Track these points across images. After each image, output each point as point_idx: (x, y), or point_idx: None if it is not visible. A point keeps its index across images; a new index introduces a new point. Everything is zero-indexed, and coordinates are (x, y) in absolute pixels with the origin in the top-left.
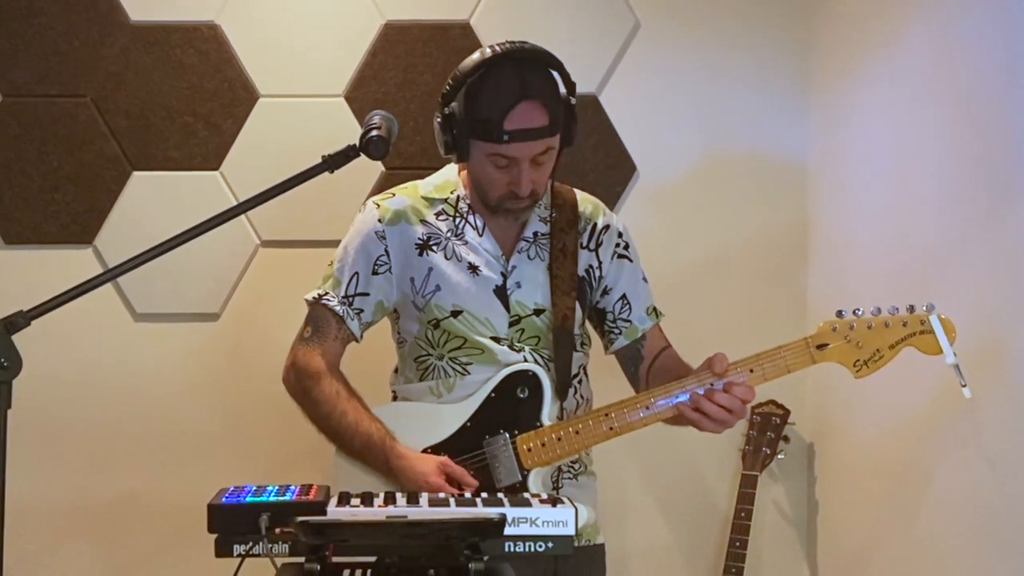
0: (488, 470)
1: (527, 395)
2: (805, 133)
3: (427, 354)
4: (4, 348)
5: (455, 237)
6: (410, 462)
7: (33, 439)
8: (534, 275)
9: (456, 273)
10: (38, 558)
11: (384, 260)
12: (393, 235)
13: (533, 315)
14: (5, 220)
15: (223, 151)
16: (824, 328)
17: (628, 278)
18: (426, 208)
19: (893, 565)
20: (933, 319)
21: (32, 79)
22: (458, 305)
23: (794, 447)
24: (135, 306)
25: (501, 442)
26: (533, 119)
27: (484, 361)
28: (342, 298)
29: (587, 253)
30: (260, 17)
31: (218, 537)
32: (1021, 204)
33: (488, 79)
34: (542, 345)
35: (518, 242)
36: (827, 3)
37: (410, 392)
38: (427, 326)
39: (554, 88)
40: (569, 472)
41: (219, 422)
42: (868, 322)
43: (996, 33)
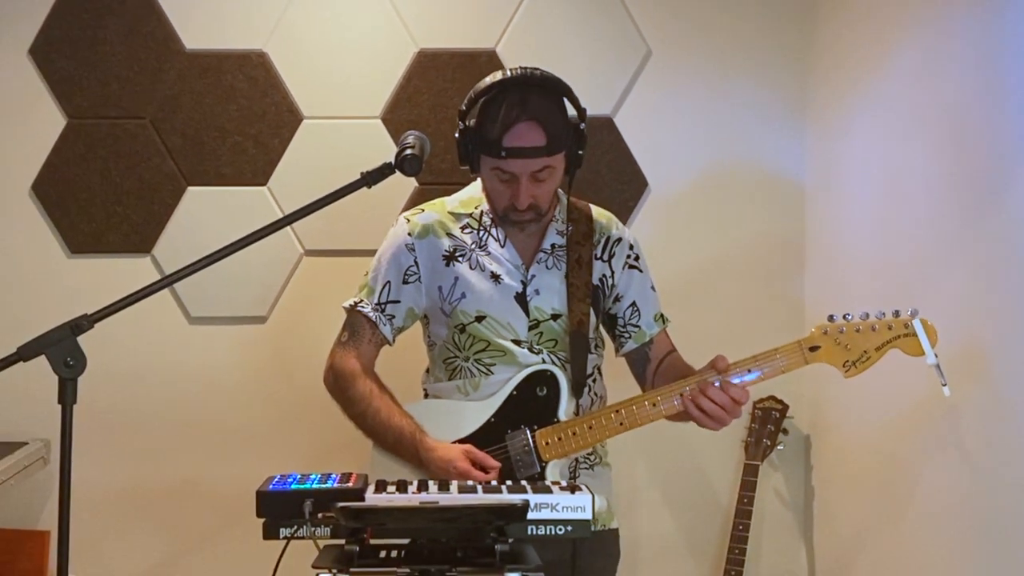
0: (510, 461)
1: (545, 393)
2: (802, 151)
3: (454, 356)
4: (70, 348)
5: (479, 248)
6: (437, 452)
7: (96, 432)
8: (552, 283)
9: (480, 282)
10: (102, 540)
11: (414, 270)
12: (422, 247)
13: (551, 320)
14: (71, 231)
15: (270, 168)
16: (816, 331)
17: (637, 287)
18: (452, 222)
19: (884, 546)
20: (916, 323)
21: (96, 103)
22: (482, 311)
23: (792, 439)
24: (189, 310)
25: (522, 436)
26: (530, 139)
27: (506, 362)
28: (375, 305)
29: (601, 263)
30: (304, 45)
31: (266, 521)
32: (997, 216)
33: (496, 99)
34: (559, 347)
35: (537, 253)
36: (822, 33)
37: (440, 390)
38: (454, 330)
39: (556, 112)
40: (585, 463)
41: (266, 416)
42: (856, 326)
43: (976, 60)
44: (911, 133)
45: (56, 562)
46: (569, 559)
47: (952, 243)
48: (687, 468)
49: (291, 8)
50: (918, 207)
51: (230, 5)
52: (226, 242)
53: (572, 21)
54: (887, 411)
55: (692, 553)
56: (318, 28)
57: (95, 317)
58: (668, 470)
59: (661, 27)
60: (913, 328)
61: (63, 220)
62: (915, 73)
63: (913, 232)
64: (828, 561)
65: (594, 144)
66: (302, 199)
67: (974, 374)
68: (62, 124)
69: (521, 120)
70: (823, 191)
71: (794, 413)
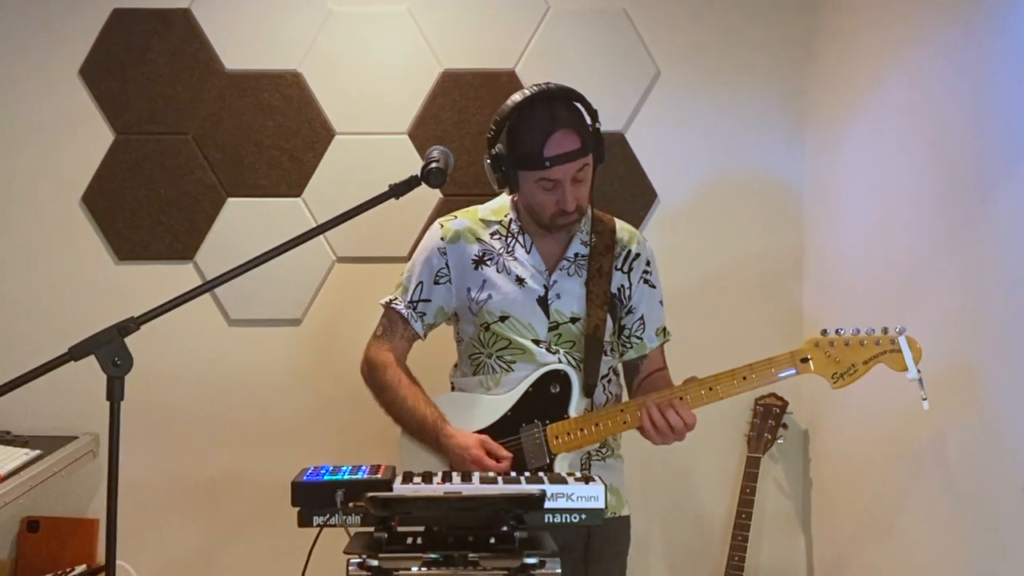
0: (522, 452)
1: (558, 391)
2: (801, 166)
3: (479, 352)
4: (118, 349)
5: (506, 253)
6: (455, 439)
7: (142, 426)
8: (572, 289)
9: (506, 284)
10: (147, 528)
11: (445, 272)
12: (453, 251)
13: (569, 322)
14: (118, 240)
15: (304, 180)
16: (808, 344)
17: (648, 302)
18: (482, 229)
19: (878, 534)
20: (902, 340)
21: (141, 119)
22: (506, 311)
23: (792, 433)
24: (229, 313)
25: (534, 430)
26: (568, 144)
27: (525, 360)
28: (408, 303)
29: (620, 274)
30: (336, 66)
31: (300, 510)
32: (981, 227)
33: (524, 118)
34: (575, 349)
35: (561, 260)
36: (819, 55)
37: (464, 384)
38: (479, 328)
39: (580, 116)
40: (598, 455)
41: (300, 412)
42: (846, 340)
43: (962, 80)
44: (902, 149)
45: (104, 548)
46: (583, 544)
47: (940, 254)
48: (695, 460)
49: (324, 31)
50: (909, 219)
51: (267, 28)
52: (263, 250)
53: (586, 43)
54: (880, 407)
55: (698, 539)
56: (349, 50)
57: (141, 320)
58: (677, 462)
59: (669, 49)
60: (899, 345)
61: (111, 229)
62: (906, 93)
63: (904, 244)
64: (825, 547)
65: (607, 158)
66: (334, 209)
67: (960, 378)
68: (110, 139)
69: (556, 130)
70: (820, 204)
71: (793, 409)
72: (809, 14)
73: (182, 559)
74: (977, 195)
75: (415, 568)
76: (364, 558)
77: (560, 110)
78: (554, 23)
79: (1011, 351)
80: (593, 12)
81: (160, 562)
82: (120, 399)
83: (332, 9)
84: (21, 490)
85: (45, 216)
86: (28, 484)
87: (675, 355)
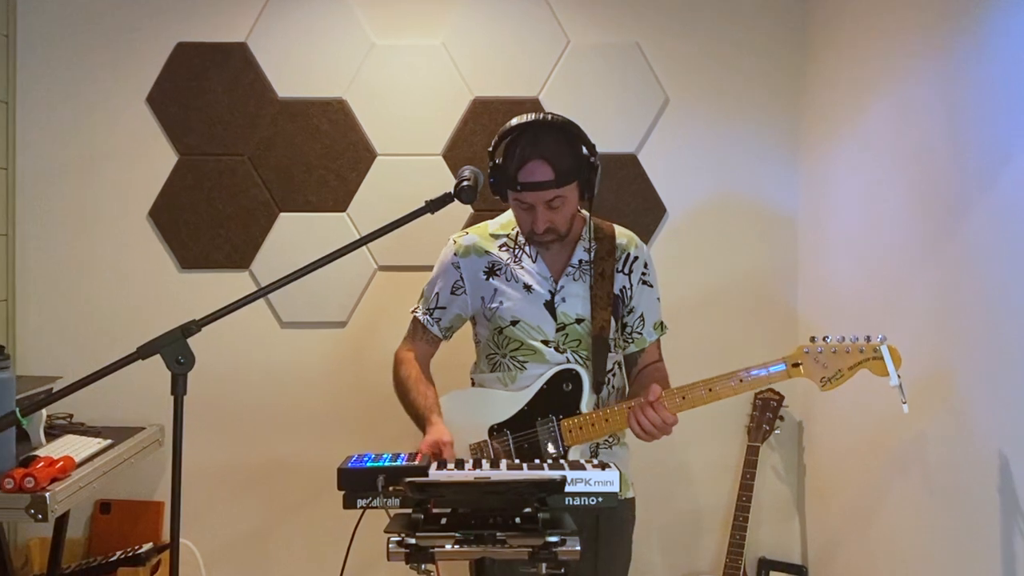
0: (539, 444)
1: (570, 388)
2: (795, 186)
3: (495, 352)
4: (181, 348)
5: (514, 263)
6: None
7: (203, 418)
8: (578, 292)
9: (514, 292)
10: (208, 509)
11: (460, 283)
12: (466, 264)
13: (575, 323)
14: (182, 250)
15: (349, 197)
16: (798, 351)
17: (647, 300)
18: (491, 242)
19: (865, 515)
20: (883, 349)
21: (202, 142)
22: (516, 316)
23: (788, 424)
24: (281, 316)
25: (549, 424)
26: (539, 175)
27: (536, 360)
28: (426, 311)
29: (621, 276)
30: (378, 94)
31: (345, 494)
32: (956, 244)
33: (513, 141)
34: (582, 347)
35: (566, 267)
36: (811, 88)
37: (484, 380)
38: (494, 331)
39: (564, 150)
40: (605, 444)
41: (345, 404)
42: (833, 347)
43: (941, 109)
44: (885, 172)
45: (169, 527)
46: (592, 524)
47: (919, 267)
48: (701, 449)
49: (367, 62)
50: (892, 236)
51: (315, 60)
52: (312, 259)
53: (603, 74)
54: (867, 404)
55: (702, 520)
56: (390, 79)
57: (202, 322)
58: (683, 449)
59: (677, 80)
60: (881, 353)
61: (175, 240)
62: (889, 123)
63: (887, 257)
64: (817, 527)
65: (621, 177)
66: (375, 223)
67: (938, 381)
68: (174, 160)
69: (532, 159)
70: (812, 220)
71: (789, 403)
72: (801, 52)
73: (238, 538)
74: (953, 214)
75: (448, 546)
76: (403, 537)
77: (545, 142)
78: (574, 56)
79: (984, 357)
80: (609, 46)
81: (219, 540)
82: (183, 394)
83: (374, 43)
84: (95, 475)
85: (116, 229)
86: (101, 470)
87: (681, 355)
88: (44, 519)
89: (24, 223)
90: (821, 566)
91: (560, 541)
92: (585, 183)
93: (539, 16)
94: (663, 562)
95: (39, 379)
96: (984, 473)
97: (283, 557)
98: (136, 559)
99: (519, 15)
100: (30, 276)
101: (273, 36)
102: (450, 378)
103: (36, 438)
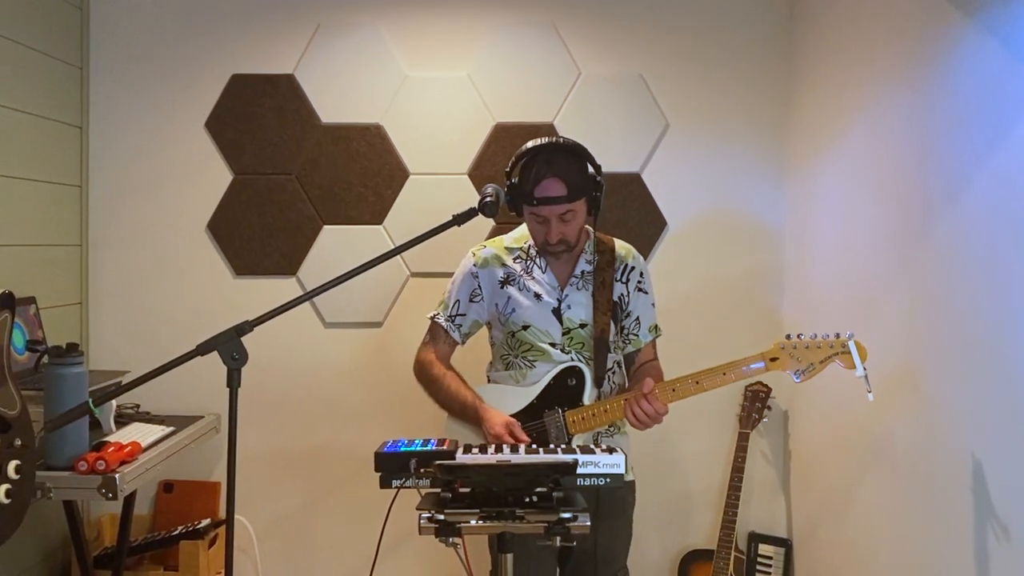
0: (546, 433)
1: (574, 384)
2: (781, 202)
3: (508, 353)
4: (236, 346)
5: (525, 274)
6: (489, 415)
7: (255, 408)
8: (581, 300)
9: (526, 300)
10: (259, 488)
11: (478, 292)
12: (483, 275)
13: (579, 328)
14: (237, 258)
15: (385, 211)
16: (775, 347)
17: (642, 306)
18: (506, 255)
19: (843, 494)
20: (851, 343)
21: (255, 163)
22: (527, 322)
23: (775, 414)
24: (325, 317)
25: (555, 415)
26: (554, 190)
27: (544, 360)
28: (447, 317)
29: (620, 285)
30: (411, 120)
31: (381, 475)
32: (925, 254)
33: (529, 161)
34: (585, 348)
35: (571, 278)
36: (796, 114)
37: (498, 378)
38: (507, 335)
39: (575, 169)
40: (606, 433)
41: (382, 396)
42: (806, 343)
43: (911, 134)
44: (862, 189)
45: (225, 505)
46: (594, 503)
47: (892, 274)
48: (698, 436)
49: (401, 92)
50: (867, 246)
51: (355, 90)
52: (352, 267)
53: (610, 101)
54: (845, 396)
55: (698, 500)
56: (421, 107)
57: (254, 323)
58: (685, 438)
59: (677, 107)
60: (848, 347)
61: (230, 250)
62: (865, 145)
63: (863, 265)
64: (801, 505)
65: (626, 194)
66: (408, 234)
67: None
68: (229, 179)
69: (547, 176)
70: (796, 232)
71: (776, 394)
72: (787, 82)
73: (286, 514)
74: (922, 228)
75: (473, 521)
76: (432, 513)
77: (558, 161)
78: (584, 86)
79: (949, 356)
80: (615, 77)
81: (269, 517)
82: (237, 386)
83: (407, 74)
84: (159, 459)
85: (177, 240)
86: (164, 454)
87: (676, 351)
88: (114, 498)
89: (96, 235)
90: (804, 539)
91: (572, 517)
92: (592, 200)
93: (554, 51)
94: (660, 538)
95: (109, 373)
96: (947, 457)
97: (326, 531)
98: (195, 533)
99: (536, 50)
100: (101, 282)
101: (317, 68)
102: (467, 376)
103: (107, 426)
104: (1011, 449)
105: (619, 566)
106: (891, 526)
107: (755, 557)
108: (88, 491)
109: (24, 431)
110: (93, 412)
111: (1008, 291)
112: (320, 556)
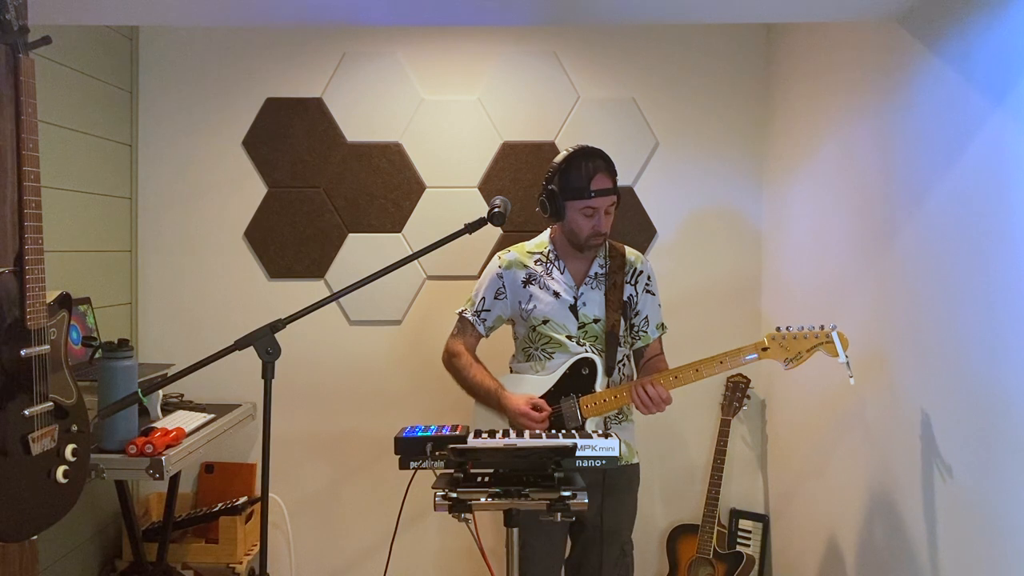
0: (562, 416)
1: (587, 372)
2: (760, 210)
3: (529, 346)
4: (270, 341)
5: (546, 275)
6: (510, 400)
7: (287, 397)
8: (595, 298)
9: (545, 297)
10: (291, 469)
11: (502, 291)
12: (508, 276)
13: (593, 323)
14: (270, 263)
15: (404, 220)
16: (766, 338)
17: (650, 306)
18: (528, 258)
19: (813, 473)
20: (834, 334)
21: (287, 177)
22: (546, 317)
23: (753, 402)
24: (350, 316)
25: (570, 401)
26: (606, 183)
27: (561, 352)
28: (474, 312)
29: (629, 287)
30: (427, 139)
31: (400, 457)
32: (889, 254)
33: (575, 164)
34: (598, 342)
35: (585, 278)
36: (773, 134)
37: (520, 368)
38: (528, 329)
39: (611, 168)
40: (615, 420)
41: (400, 386)
42: (794, 334)
43: (875, 151)
44: (832, 197)
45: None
46: (600, 482)
47: (860, 273)
48: (684, 422)
49: (418, 113)
50: (837, 248)
51: (377, 112)
52: (374, 270)
53: (606, 121)
54: (817, 383)
55: (687, 478)
56: (436, 127)
57: (286, 321)
58: (672, 424)
59: (666, 127)
60: (832, 337)
61: (265, 255)
62: (834, 160)
63: (834, 265)
64: (777, 484)
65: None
66: (425, 241)
67: (875, 361)
68: (264, 191)
69: (599, 172)
70: (774, 237)
71: (755, 385)
72: (765, 105)
73: (315, 493)
74: (885, 233)
75: (483, 499)
76: (446, 491)
77: (599, 161)
78: (583, 108)
79: (911, 342)
80: (611, 100)
81: (299, 495)
82: (271, 378)
83: (424, 98)
84: (201, 443)
85: (218, 246)
86: (206, 438)
87: (672, 345)
88: (160, 478)
89: (144, 242)
90: (779, 514)
91: (571, 495)
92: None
93: (555, 77)
94: (651, 514)
95: (156, 366)
96: (904, 414)
97: (351, 507)
98: (234, 509)
99: (539, 76)
100: (148, 284)
101: (343, 93)
102: (491, 367)
103: (154, 413)
104: (953, 405)
105: (624, 539)
106: (859, 491)
107: (736, 531)
108: (137, 472)
109: (80, 418)
110: (142, 401)
111: (959, 287)
112: (345, 530)
